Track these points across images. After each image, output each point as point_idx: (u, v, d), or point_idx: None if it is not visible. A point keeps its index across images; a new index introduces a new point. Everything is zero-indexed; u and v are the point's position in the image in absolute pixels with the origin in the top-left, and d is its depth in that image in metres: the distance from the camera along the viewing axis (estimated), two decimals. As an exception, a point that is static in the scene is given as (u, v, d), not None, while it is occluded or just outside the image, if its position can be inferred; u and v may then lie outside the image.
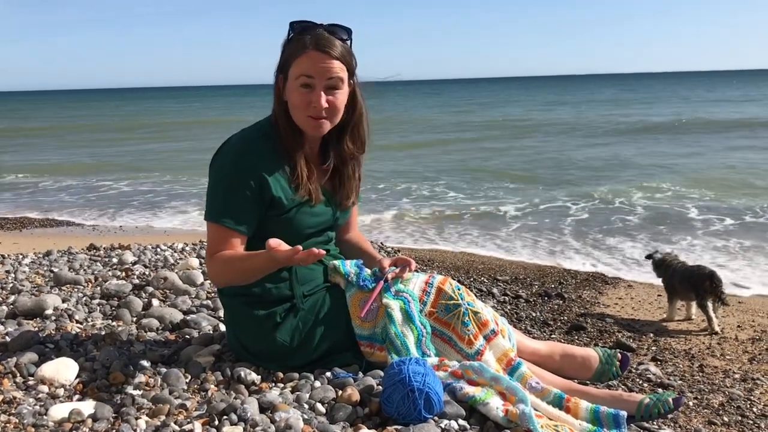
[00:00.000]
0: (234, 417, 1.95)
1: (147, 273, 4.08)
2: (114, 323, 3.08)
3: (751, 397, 3.01)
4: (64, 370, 2.37)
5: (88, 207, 10.57)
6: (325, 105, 2.30)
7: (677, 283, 4.44)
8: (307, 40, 2.28)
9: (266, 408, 2.04)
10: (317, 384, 2.25)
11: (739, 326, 4.35)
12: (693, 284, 4.32)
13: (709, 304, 4.22)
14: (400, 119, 27.71)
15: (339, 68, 2.30)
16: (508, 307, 4.57)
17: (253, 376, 2.31)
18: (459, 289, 2.41)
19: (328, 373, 2.32)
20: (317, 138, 2.45)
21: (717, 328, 4.18)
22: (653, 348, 3.87)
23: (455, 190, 11.06)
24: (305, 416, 1.99)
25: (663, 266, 4.60)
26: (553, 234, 7.51)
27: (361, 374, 2.32)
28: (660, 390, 2.98)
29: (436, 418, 2.01)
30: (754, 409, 2.86)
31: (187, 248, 5.02)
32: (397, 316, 2.33)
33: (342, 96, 2.35)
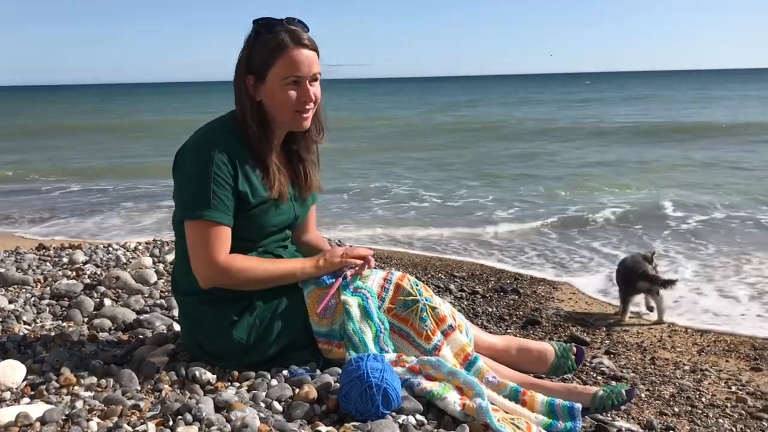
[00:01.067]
0: (189, 417, 1.92)
1: (99, 272, 3.99)
2: (64, 324, 3.01)
3: (700, 388, 3.09)
4: (10, 372, 2.30)
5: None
6: (314, 97, 2.34)
7: (618, 282, 4.58)
8: (285, 38, 2.28)
9: (222, 407, 2.02)
10: (274, 382, 2.22)
11: (690, 319, 4.46)
12: (624, 282, 4.47)
13: (640, 299, 4.46)
14: (365, 119, 27.47)
15: (317, 59, 2.34)
16: (465, 302, 4.60)
17: (209, 376, 2.28)
18: (417, 285, 2.42)
19: (285, 371, 2.30)
20: (283, 134, 2.44)
21: (659, 318, 4.37)
22: (607, 341, 3.94)
23: (431, 191, 10.99)
24: (261, 415, 1.97)
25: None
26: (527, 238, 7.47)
27: (318, 371, 2.30)
28: (613, 382, 3.04)
29: (394, 413, 2.01)
30: (703, 399, 2.94)
31: (140, 247, 4.93)
32: (356, 312, 2.32)
33: (318, 86, 2.39)
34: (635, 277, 4.40)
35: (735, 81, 78.23)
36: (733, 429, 2.64)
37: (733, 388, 3.13)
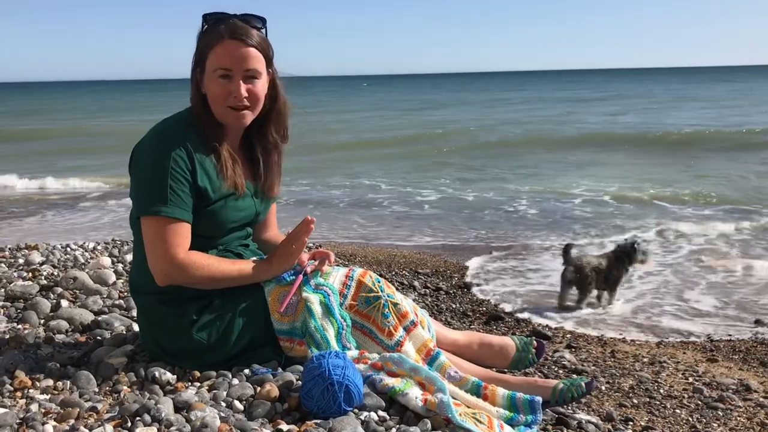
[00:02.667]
0: (147, 417, 1.89)
1: (56, 273, 3.90)
2: (19, 326, 2.93)
3: (659, 380, 3.15)
4: (-37, 376, 2.24)
5: None
6: (245, 94, 2.28)
7: None
8: (222, 30, 2.26)
9: (182, 407, 1.99)
10: (235, 381, 2.20)
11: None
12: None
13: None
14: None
15: (256, 57, 2.29)
16: (429, 299, 4.62)
17: (168, 376, 2.25)
18: (379, 282, 2.42)
19: (247, 370, 2.28)
20: (239, 130, 2.41)
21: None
22: (568, 336, 3.99)
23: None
24: (222, 414, 1.95)
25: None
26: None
27: (280, 370, 2.29)
28: (574, 376, 3.08)
29: (356, 410, 2.01)
30: (661, 391, 2.99)
31: (99, 247, 4.85)
32: (317, 309, 2.31)
33: (261, 85, 2.34)
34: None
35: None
36: (690, 419, 2.70)
37: (690, 379, 3.19)
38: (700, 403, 2.87)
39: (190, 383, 2.24)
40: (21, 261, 4.25)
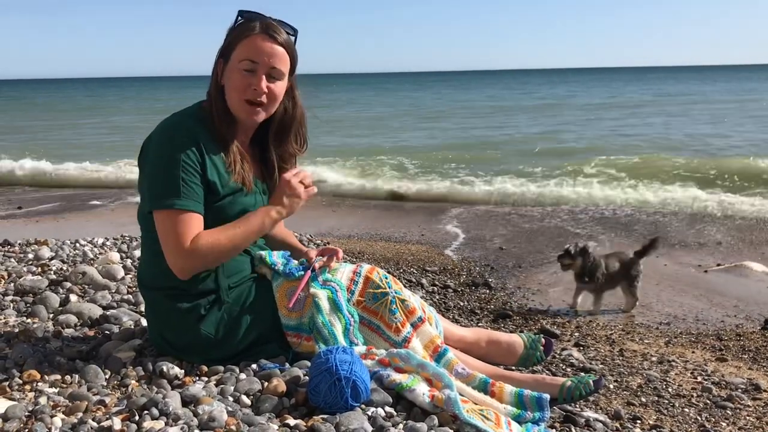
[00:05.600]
0: (155, 411, 1.90)
1: (65, 268, 3.93)
2: (29, 320, 2.95)
3: (667, 378, 3.13)
4: (-28, 369, 2.25)
5: None
6: (265, 90, 2.29)
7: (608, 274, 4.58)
8: (256, 25, 2.28)
9: (189, 401, 2.00)
10: (242, 376, 2.21)
11: (658, 311, 4.53)
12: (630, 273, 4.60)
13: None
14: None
15: (282, 57, 2.31)
16: (437, 297, 4.61)
17: (176, 371, 2.26)
18: (386, 278, 2.42)
19: (254, 365, 2.28)
20: (250, 128, 2.41)
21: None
22: (576, 334, 3.97)
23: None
24: (229, 408, 1.95)
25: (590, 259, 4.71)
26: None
27: (287, 365, 2.29)
28: (582, 374, 3.06)
29: (363, 405, 2.01)
30: (670, 390, 2.98)
31: (108, 243, 4.86)
32: (325, 305, 2.32)
33: (281, 87, 2.35)
34: (637, 266, 4.59)
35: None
36: (699, 418, 2.68)
37: (699, 378, 3.18)
38: (708, 402, 2.86)
39: (197, 378, 2.25)
40: (30, 256, 4.28)
